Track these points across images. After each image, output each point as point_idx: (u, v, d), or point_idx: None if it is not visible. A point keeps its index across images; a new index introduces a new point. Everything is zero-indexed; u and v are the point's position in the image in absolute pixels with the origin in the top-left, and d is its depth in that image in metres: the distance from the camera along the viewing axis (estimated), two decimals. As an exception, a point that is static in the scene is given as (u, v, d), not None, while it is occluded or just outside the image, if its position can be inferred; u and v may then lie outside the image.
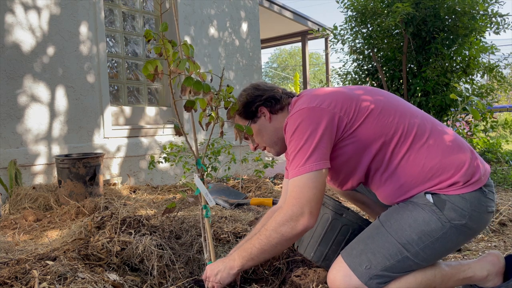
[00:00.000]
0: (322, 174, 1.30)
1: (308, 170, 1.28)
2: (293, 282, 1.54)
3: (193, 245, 1.88)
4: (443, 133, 1.37)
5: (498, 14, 4.50)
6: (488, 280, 1.42)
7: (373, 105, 1.38)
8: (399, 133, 1.34)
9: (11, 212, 3.07)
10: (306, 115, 1.34)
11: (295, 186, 1.30)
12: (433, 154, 1.32)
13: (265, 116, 1.56)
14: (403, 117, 1.37)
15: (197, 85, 1.27)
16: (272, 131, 1.56)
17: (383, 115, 1.36)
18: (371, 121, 1.35)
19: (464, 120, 5.17)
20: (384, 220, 1.36)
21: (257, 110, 1.55)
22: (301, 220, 1.27)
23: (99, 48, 4.34)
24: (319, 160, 1.29)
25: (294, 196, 1.29)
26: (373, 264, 1.28)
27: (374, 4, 4.67)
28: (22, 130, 3.76)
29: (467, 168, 1.29)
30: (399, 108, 1.40)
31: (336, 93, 1.42)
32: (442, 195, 1.29)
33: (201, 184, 1.42)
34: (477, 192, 1.29)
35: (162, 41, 1.26)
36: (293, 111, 1.41)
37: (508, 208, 2.73)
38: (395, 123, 1.35)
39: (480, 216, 1.30)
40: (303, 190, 1.28)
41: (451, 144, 1.34)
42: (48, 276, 1.39)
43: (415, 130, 1.35)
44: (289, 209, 1.29)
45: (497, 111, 13.09)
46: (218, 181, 4.15)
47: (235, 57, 6.08)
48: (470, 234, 1.33)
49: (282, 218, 1.30)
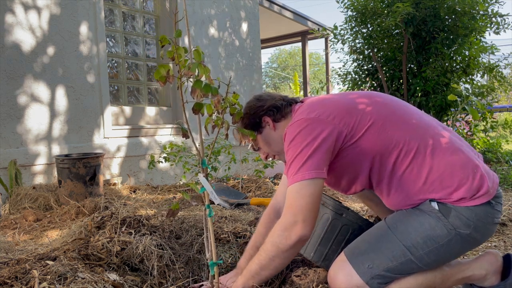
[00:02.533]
0: (317, 183, 1.28)
1: (301, 178, 1.28)
2: (293, 282, 1.54)
3: (193, 245, 1.88)
4: (447, 145, 1.34)
5: (498, 14, 4.51)
6: (486, 279, 1.43)
7: (375, 117, 1.36)
8: (399, 146, 1.33)
9: (11, 212, 3.07)
10: (304, 125, 1.35)
11: (289, 194, 1.30)
12: (436, 168, 1.30)
13: (269, 125, 1.57)
14: (406, 130, 1.35)
15: (206, 87, 1.32)
16: (278, 139, 1.57)
17: (384, 128, 1.35)
18: (372, 133, 1.34)
19: (464, 120, 5.17)
20: (390, 222, 1.36)
21: (261, 120, 1.57)
22: (294, 230, 1.26)
23: (99, 48, 4.34)
24: (314, 169, 1.28)
25: (288, 205, 1.30)
26: (375, 263, 1.29)
27: (374, 4, 4.67)
28: (22, 130, 3.76)
29: (471, 183, 1.27)
30: (401, 119, 1.38)
31: (337, 103, 1.41)
32: (448, 204, 1.29)
33: (206, 182, 1.43)
34: (485, 204, 1.28)
35: (175, 47, 1.31)
36: (292, 120, 1.42)
37: (508, 208, 2.73)
38: (396, 137, 1.34)
39: (485, 227, 1.30)
40: (296, 198, 1.28)
41: (454, 157, 1.31)
42: (48, 276, 1.39)
43: (418, 144, 1.33)
44: (283, 218, 1.30)
45: (497, 111, 13.08)
46: (218, 181, 4.15)
47: (235, 57, 6.08)
48: (474, 244, 1.33)
49: (277, 229, 1.30)
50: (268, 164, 4.30)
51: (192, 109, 1.35)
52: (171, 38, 1.33)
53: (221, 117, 1.42)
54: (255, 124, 1.58)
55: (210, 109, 1.37)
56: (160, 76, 1.33)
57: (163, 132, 4.93)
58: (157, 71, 1.33)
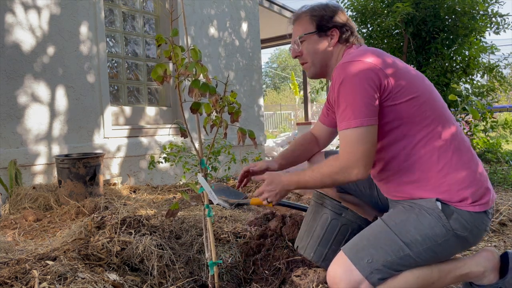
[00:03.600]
0: (373, 130, 1.32)
1: (360, 124, 1.30)
2: (293, 282, 1.55)
3: (193, 245, 1.88)
4: (466, 147, 1.40)
5: (498, 14, 4.51)
6: (485, 276, 1.43)
7: (420, 92, 1.37)
8: (431, 127, 1.36)
9: (11, 212, 3.08)
10: (361, 69, 1.32)
11: (348, 138, 1.32)
12: (454, 162, 1.34)
13: (332, 39, 1.53)
14: (441, 116, 1.39)
15: (204, 87, 1.33)
16: (326, 56, 1.54)
17: (426, 105, 1.36)
18: (413, 105, 1.35)
19: (464, 120, 5.17)
20: (387, 220, 1.37)
21: (329, 28, 1.52)
22: (355, 171, 1.32)
23: (99, 48, 4.34)
24: (371, 116, 1.30)
25: (348, 151, 1.32)
26: (375, 258, 1.30)
27: (374, 4, 4.67)
28: (22, 130, 3.76)
29: (478, 188, 1.33)
30: (439, 105, 1.41)
31: (396, 61, 1.42)
32: (452, 206, 1.32)
33: (205, 182, 1.43)
34: (483, 212, 1.34)
35: (172, 46, 1.31)
36: (346, 58, 1.40)
37: (508, 208, 2.73)
38: (431, 118, 1.36)
39: (479, 233, 1.35)
40: (358, 144, 1.30)
41: (471, 160, 1.37)
42: (48, 276, 1.39)
43: (446, 134, 1.37)
44: (344, 160, 1.33)
45: (497, 111, 13.07)
46: (218, 181, 4.15)
47: (235, 57, 6.08)
48: (465, 246, 1.39)
49: (338, 167, 1.35)
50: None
51: (190, 109, 1.35)
52: (168, 37, 1.33)
53: (220, 116, 1.42)
54: (321, 27, 1.52)
55: (208, 108, 1.38)
56: (157, 76, 1.33)
57: (163, 132, 4.93)
58: (154, 70, 1.33)
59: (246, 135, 1.48)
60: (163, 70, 1.33)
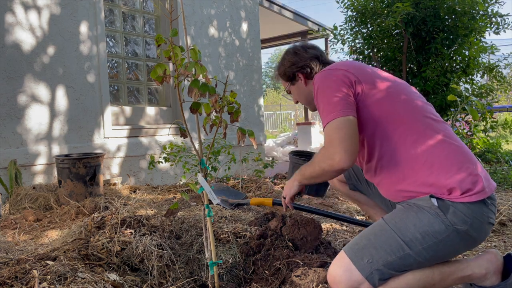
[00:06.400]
0: (351, 119, 1.38)
1: (336, 116, 1.38)
2: (293, 282, 1.54)
3: (193, 245, 1.88)
4: (451, 138, 1.42)
5: (498, 14, 4.50)
6: (487, 278, 1.42)
7: (391, 90, 1.48)
8: (407, 124, 1.41)
9: (11, 212, 3.08)
10: (329, 74, 1.49)
11: (327, 131, 1.41)
12: (437, 152, 1.36)
13: (301, 80, 1.75)
14: (413, 112, 1.44)
15: (204, 87, 1.33)
16: (308, 93, 1.74)
17: (396, 104, 1.45)
18: (383, 104, 1.44)
19: (464, 120, 5.17)
20: (388, 219, 1.38)
21: (295, 75, 1.75)
22: (337, 158, 1.37)
23: (99, 48, 4.34)
24: (344, 109, 1.39)
25: (328, 140, 1.41)
26: (375, 258, 1.30)
27: (374, 4, 4.67)
28: (22, 130, 3.76)
29: (468, 175, 1.32)
30: (412, 102, 1.48)
31: (363, 66, 1.57)
32: (447, 200, 1.31)
33: (205, 182, 1.43)
34: (480, 202, 1.32)
35: (172, 46, 1.31)
36: (319, 72, 1.57)
37: (508, 208, 2.73)
38: (404, 114, 1.43)
39: (481, 225, 1.32)
40: (334, 133, 1.38)
41: (456, 150, 1.38)
42: (48, 276, 1.39)
43: (423, 127, 1.41)
44: (326, 149, 1.42)
45: (497, 111, 13.06)
46: (218, 181, 4.15)
47: (235, 57, 6.08)
48: (470, 242, 1.35)
49: (322, 156, 1.45)
50: (268, 164, 4.30)
51: (190, 109, 1.36)
52: (167, 37, 1.33)
53: (219, 116, 1.42)
54: (289, 77, 1.77)
55: (208, 108, 1.38)
56: (156, 76, 1.34)
57: (163, 132, 4.93)
58: (154, 70, 1.33)
59: (246, 135, 1.48)
60: (163, 70, 1.33)
